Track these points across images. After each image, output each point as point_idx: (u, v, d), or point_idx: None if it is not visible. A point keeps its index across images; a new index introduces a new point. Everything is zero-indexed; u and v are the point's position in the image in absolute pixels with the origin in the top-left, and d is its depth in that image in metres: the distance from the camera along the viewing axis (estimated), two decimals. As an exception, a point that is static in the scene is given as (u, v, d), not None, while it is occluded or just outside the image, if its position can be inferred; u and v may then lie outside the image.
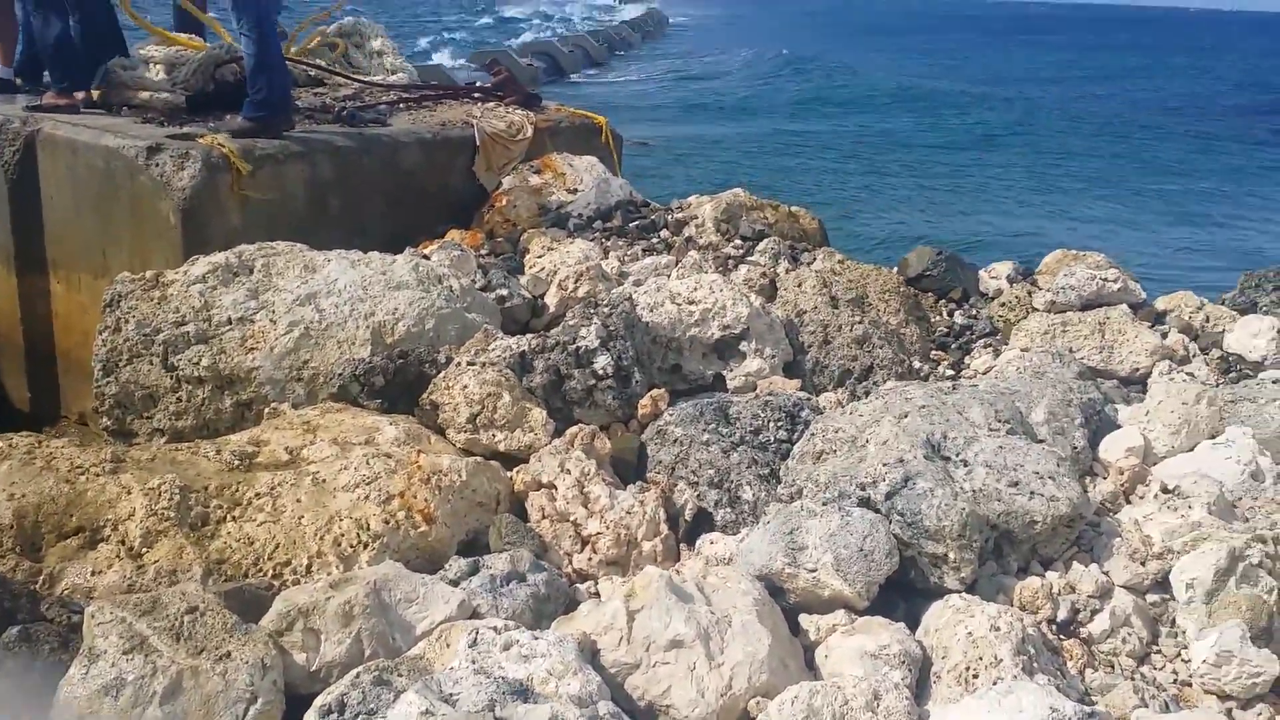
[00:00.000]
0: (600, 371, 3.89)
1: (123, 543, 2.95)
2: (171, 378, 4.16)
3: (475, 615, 2.75)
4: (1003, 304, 5.23)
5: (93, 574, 2.88)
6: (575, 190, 6.26)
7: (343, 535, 2.97)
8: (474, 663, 2.31)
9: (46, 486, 3.06)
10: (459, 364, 3.82)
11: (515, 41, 36.89)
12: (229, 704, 2.22)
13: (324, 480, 3.15)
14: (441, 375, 3.78)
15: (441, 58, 30.47)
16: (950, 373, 4.79)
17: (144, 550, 2.91)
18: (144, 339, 4.21)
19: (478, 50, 30.50)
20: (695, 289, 4.50)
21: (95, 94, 5.97)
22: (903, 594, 2.98)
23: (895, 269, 5.54)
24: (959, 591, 2.88)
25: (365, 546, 2.96)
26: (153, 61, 6.21)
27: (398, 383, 3.83)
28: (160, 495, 3.00)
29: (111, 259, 5.41)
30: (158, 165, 5.04)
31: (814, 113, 27.27)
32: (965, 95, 31.89)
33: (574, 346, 3.95)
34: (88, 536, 2.99)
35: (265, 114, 5.47)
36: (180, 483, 3.05)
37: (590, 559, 3.20)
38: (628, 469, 3.65)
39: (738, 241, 5.68)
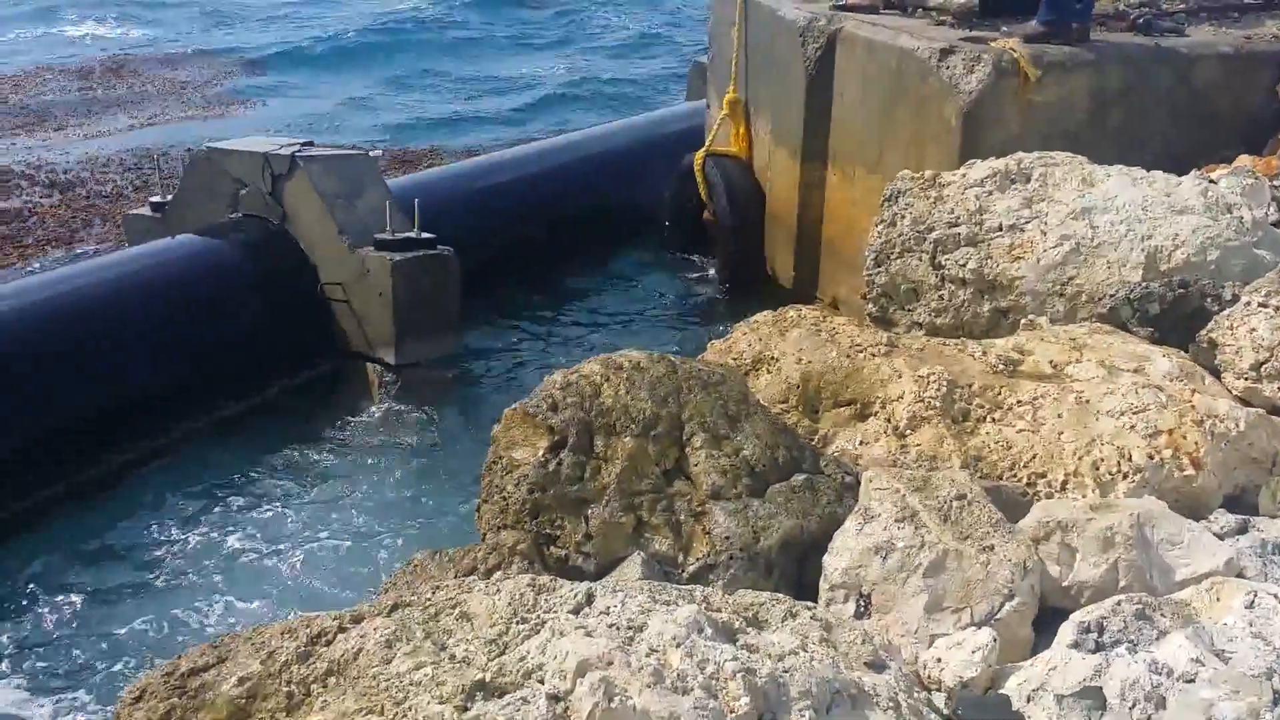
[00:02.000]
0: None
1: (889, 420, 3.17)
2: (937, 275, 4.33)
3: (1240, 576, 2.54)
4: None
5: (860, 443, 3.15)
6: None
7: (1102, 460, 2.90)
8: (1250, 625, 2.14)
9: (830, 358, 3.38)
10: (1248, 303, 3.47)
11: None
12: (987, 594, 2.31)
13: (1088, 400, 3.08)
14: (1225, 313, 3.47)
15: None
16: None
17: (908, 432, 3.10)
18: (917, 235, 4.42)
19: None
20: None
21: (887, -5, 6.28)
22: None
23: None
24: None
25: (1124, 477, 2.86)
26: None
27: (1174, 313, 3.60)
28: (929, 383, 3.16)
29: (887, 156, 5.73)
30: (948, 68, 5.19)
31: None
32: None
33: (1396, 304, 3.38)
34: (858, 409, 3.26)
35: (1057, 17, 5.35)
36: (948, 376, 3.18)
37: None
38: None
39: None
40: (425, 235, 6.11)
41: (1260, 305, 3.44)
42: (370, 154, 7.36)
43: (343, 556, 4.98)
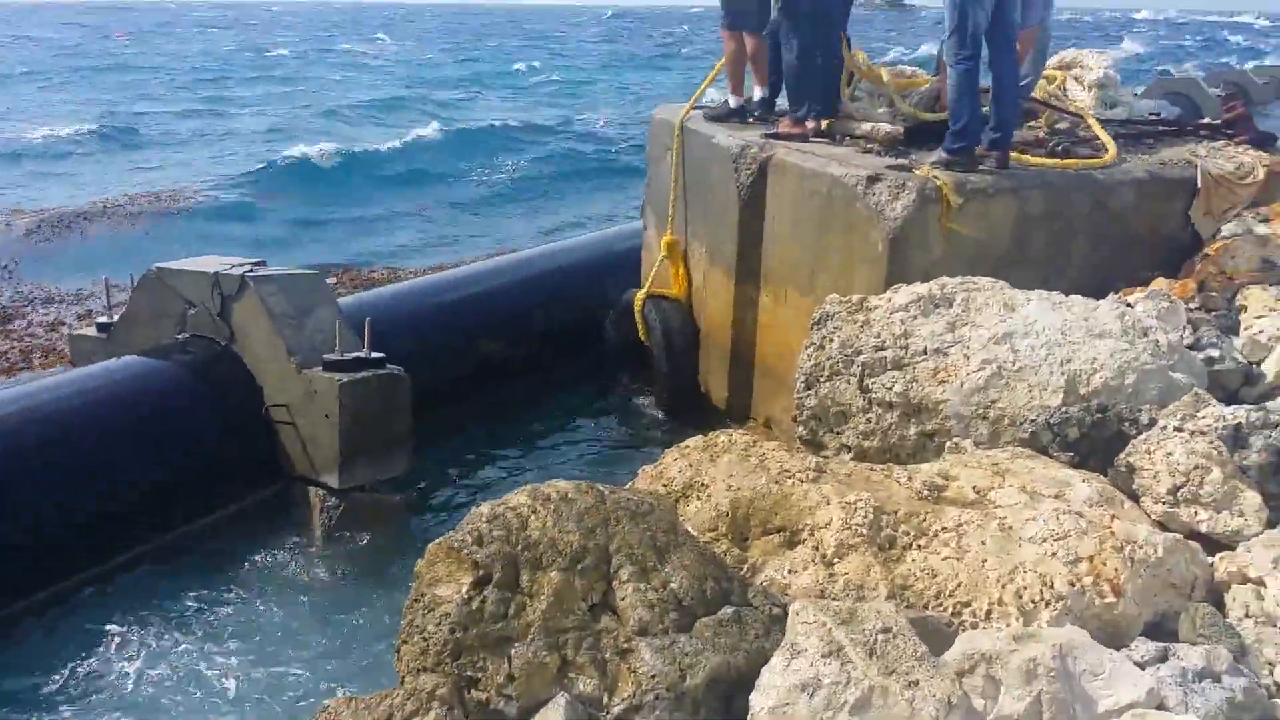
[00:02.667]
0: (1335, 461, 3.40)
1: (817, 549, 3.18)
2: (864, 399, 4.41)
3: (1161, 707, 2.56)
4: None
5: (789, 572, 3.15)
6: (1311, 245, 5.54)
7: (1025, 588, 2.93)
8: (1171, 762, 2.15)
9: (759, 484, 3.40)
10: (1164, 427, 3.56)
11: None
12: (911, 732, 2.30)
13: (1010, 527, 3.12)
14: (1143, 437, 3.56)
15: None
16: None
17: (835, 560, 3.12)
18: (845, 359, 4.50)
19: (1158, 79, 28.02)
20: None
21: (824, 124, 6.49)
22: None
23: None
24: None
25: (1047, 605, 2.88)
26: (877, 94, 6.60)
27: (1093, 437, 3.68)
28: (856, 510, 3.19)
29: (818, 279, 5.86)
30: (875, 194, 5.35)
31: None
32: None
33: (1303, 427, 3.49)
34: (787, 536, 3.28)
35: (965, 145, 5.55)
36: (874, 502, 3.21)
37: (1303, 674, 2.81)
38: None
39: None
40: (375, 355, 6.08)
41: (1175, 430, 3.53)
42: (321, 274, 7.34)
43: (260, 698, 4.82)
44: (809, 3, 6.43)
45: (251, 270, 6.31)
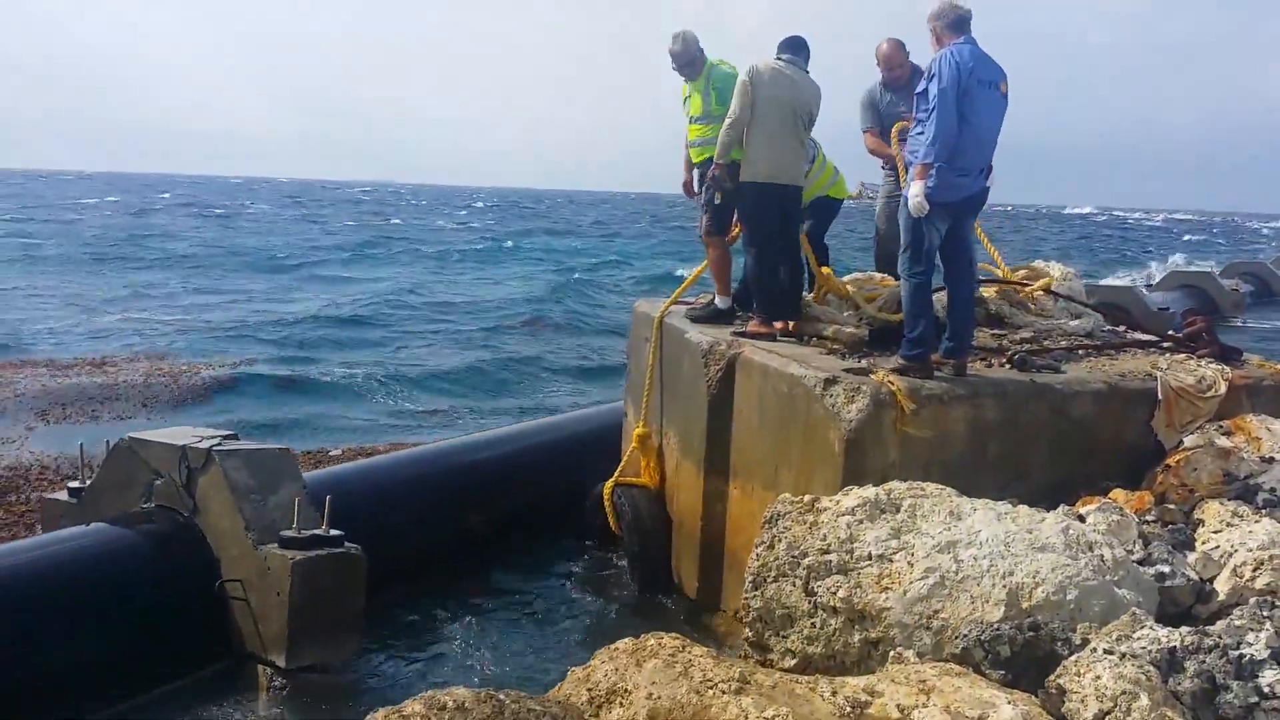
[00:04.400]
0: (1266, 690, 3.33)
1: (731, 765, 3.11)
2: (810, 603, 4.37)
3: None
4: None
5: (701, 789, 3.07)
6: (1271, 459, 5.56)
7: (937, 816, 2.84)
8: None
9: (679, 694, 3.35)
10: (1095, 649, 3.51)
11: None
12: None
13: (928, 750, 3.05)
14: (1074, 659, 3.51)
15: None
16: None
17: (748, 778, 3.04)
18: (792, 560, 4.49)
19: (1172, 270, 28.36)
20: None
21: (791, 325, 6.65)
22: None
23: None
24: None
25: (958, 835, 2.80)
26: (842, 297, 6.78)
27: (1025, 656, 3.63)
28: (771, 727, 3.12)
29: (781, 475, 5.89)
30: (832, 396, 5.43)
31: None
32: None
33: (1237, 652, 3.44)
34: (704, 750, 3.21)
35: (919, 352, 5.67)
36: (792, 719, 3.15)
37: None
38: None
39: None
40: (333, 533, 6.07)
41: (1106, 652, 3.48)
42: (287, 450, 7.41)
43: None
44: (767, 218, 6.72)
45: (220, 444, 6.37)
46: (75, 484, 7.21)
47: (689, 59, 7.25)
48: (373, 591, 6.24)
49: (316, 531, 6.05)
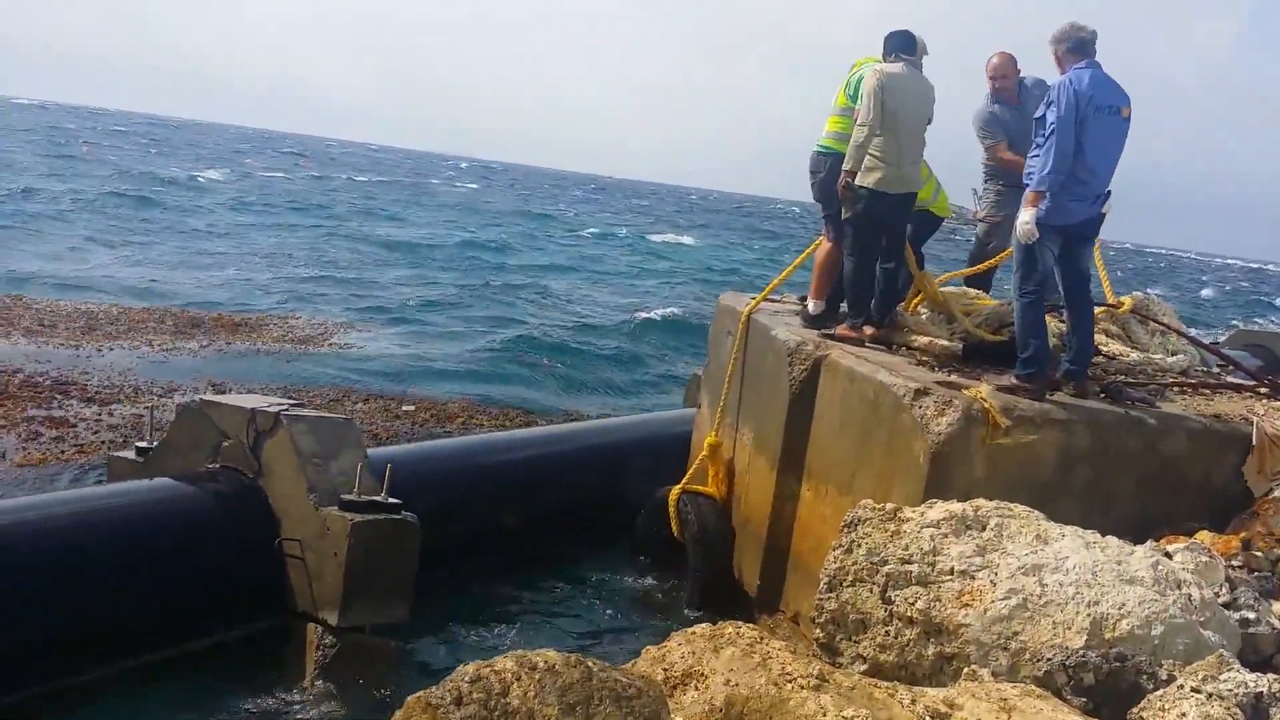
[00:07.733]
0: (1361, 749, 3.24)
1: (807, 760, 3.09)
2: (885, 610, 4.33)
3: None
4: None
5: (774, 780, 3.05)
6: (1365, 518, 5.40)
7: (1015, 835, 2.80)
8: None
9: (758, 684, 3.33)
10: (1182, 686, 3.44)
11: None
12: None
13: (1008, 768, 3.01)
14: (1160, 693, 3.44)
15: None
16: None
17: (822, 776, 3.02)
18: (870, 567, 4.44)
19: (1239, 330, 27.78)
20: None
21: (881, 331, 6.58)
22: None
23: None
24: None
25: None
26: (939, 305, 6.70)
27: (1108, 686, 3.56)
28: (851, 727, 3.10)
29: (858, 481, 5.84)
30: (920, 408, 5.37)
31: None
32: None
33: (1332, 708, 3.35)
34: (779, 743, 3.19)
35: (1036, 371, 5.61)
36: (871, 721, 3.13)
37: None
38: None
39: None
40: (391, 500, 6.16)
41: (1193, 690, 3.41)
42: (353, 420, 7.53)
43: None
44: (867, 217, 6.63)
45: (287, 409, 6.50)
46: (143, 444, 7.35)
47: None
48: (423, 567, 6.32)
49: (375, 498, 6.15)
